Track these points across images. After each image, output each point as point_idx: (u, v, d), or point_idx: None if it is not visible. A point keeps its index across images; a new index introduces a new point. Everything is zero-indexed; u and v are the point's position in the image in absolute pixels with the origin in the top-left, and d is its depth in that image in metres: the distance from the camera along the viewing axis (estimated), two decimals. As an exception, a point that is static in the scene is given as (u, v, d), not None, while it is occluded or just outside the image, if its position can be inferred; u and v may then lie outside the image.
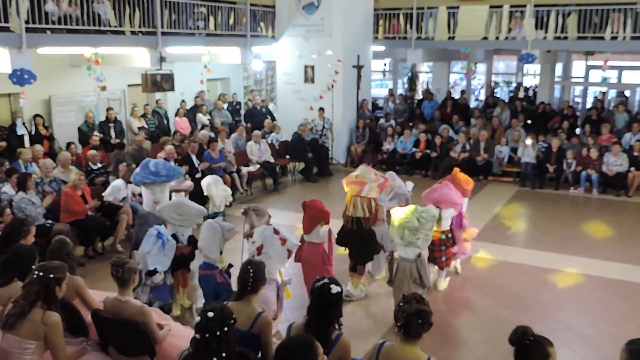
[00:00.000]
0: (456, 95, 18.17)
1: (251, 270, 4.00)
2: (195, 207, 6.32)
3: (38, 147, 9.62)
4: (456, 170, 7.70)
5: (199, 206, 6.43)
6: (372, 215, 6.61)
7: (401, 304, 3.31)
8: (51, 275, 3.74)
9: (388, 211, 6.81)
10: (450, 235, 7.03)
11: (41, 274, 3.73)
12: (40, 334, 3.62)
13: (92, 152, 9.71)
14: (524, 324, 3.10)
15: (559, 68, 19.22)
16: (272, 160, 12.35)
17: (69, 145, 10.18)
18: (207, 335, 3.10)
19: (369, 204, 6.59)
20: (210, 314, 3.12)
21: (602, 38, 13.30)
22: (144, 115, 12.68)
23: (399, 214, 6.03)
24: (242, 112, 15.48)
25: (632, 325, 6.16)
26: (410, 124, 15.06)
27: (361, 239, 6.63)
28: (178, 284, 6.39)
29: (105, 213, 8.37)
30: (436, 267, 7.03)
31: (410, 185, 7.58)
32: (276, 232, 5.38)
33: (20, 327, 3.59)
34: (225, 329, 3.13)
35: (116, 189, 8.48)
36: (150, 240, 5.58)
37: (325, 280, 3.63)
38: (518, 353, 3.04)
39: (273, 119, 14.47)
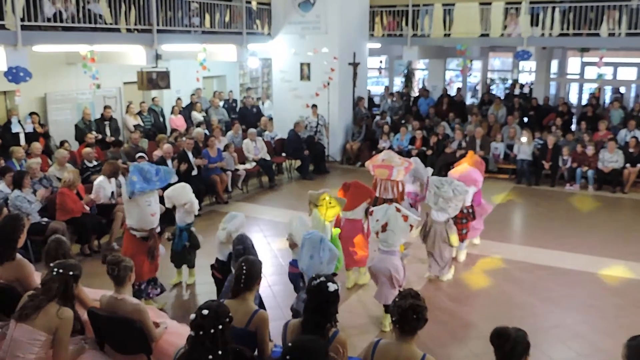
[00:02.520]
0: (452, 92, 18.18)
1: (244, 268, 3.98)
2: (240, 216, 6.09)
3: (36, 144, 9.59)
4: (471, 152, 8.66)
5: (240, 214, 6.16)
6: (399, 195, 7.52)
7: (397, 299, 3.31)
8: (70, 273, 3.76)
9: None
10: (470, 210, 7.73)
11: (61, 270, 3.74)
12: (52, 327, 3.62)
13: (88, 149, 9.68)
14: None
15: (554, 65, 19.24)
16: (268, 157, 12.36)
17: (62, 143, 10.15)
18: (201, 332, 3.10)
19: (397, 186, 7.51)
20: (205, 312, 3.12)
21: (597, 35, 13.33)
22: (139, 113, 12.66)
23: (437, 183, 6.87)
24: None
25: (626, 321, 6.19)
26: (403, 120, 15.08)
27: None
28: None
29: (100, 211, 8.37)
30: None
31: (429, 170, 8.14)
32: (398, 210, 5.93)
33: (35, 318, 3.60)
34: (220, 326, 3.13)
35: (100, 188, 8.33)
36: (318, 245, 5.17)
37: (322, 279, 3.63)
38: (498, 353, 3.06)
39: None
